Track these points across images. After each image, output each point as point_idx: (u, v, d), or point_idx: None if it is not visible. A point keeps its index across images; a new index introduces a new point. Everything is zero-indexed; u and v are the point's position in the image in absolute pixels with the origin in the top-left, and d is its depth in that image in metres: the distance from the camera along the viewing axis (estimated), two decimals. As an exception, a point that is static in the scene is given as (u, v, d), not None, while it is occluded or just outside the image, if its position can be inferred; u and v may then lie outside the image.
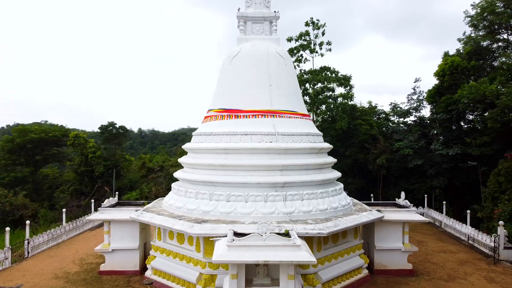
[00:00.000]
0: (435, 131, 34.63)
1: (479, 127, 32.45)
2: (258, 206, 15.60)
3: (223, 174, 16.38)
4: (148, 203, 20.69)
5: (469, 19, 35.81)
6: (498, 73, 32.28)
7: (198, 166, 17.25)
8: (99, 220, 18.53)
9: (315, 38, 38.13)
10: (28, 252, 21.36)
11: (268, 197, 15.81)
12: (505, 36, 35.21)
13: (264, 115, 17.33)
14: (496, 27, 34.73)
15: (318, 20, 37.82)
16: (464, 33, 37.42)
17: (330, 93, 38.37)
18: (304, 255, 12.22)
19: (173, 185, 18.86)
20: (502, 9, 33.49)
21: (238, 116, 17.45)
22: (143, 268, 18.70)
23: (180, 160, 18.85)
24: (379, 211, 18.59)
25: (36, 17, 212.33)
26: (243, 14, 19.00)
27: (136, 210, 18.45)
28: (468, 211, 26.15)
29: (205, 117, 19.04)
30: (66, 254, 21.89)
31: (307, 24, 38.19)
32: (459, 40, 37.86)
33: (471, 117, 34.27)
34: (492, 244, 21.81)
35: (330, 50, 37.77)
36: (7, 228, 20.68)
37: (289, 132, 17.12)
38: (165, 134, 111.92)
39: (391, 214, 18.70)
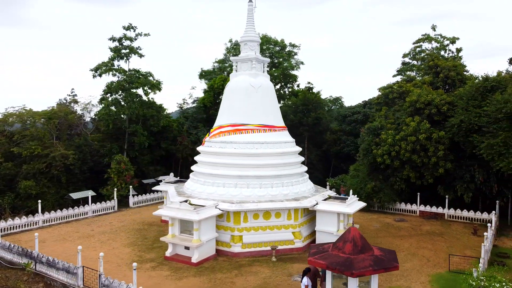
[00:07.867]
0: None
1: None
2: (299, 187, 26.10)
3: (280, 169, 25.36)
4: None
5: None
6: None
7: (264, 166, 24.71)
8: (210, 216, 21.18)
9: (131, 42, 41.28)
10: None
11: (299, 182, 26.52)
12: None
13: (281, 129, 27.08)
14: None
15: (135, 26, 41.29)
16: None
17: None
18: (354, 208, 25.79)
19: (229, 181, 24.13)
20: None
21: (271, 130, 26.12)
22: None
23: (239, 162, 24.30)
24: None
25: None
26: (257, 57, 26.63)
27: (215, 207, 22.66)
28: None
29: (241, 130, 25.41)
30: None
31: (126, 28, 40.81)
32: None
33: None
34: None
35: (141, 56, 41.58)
36: None
37: (290, 140, 27.85)
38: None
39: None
